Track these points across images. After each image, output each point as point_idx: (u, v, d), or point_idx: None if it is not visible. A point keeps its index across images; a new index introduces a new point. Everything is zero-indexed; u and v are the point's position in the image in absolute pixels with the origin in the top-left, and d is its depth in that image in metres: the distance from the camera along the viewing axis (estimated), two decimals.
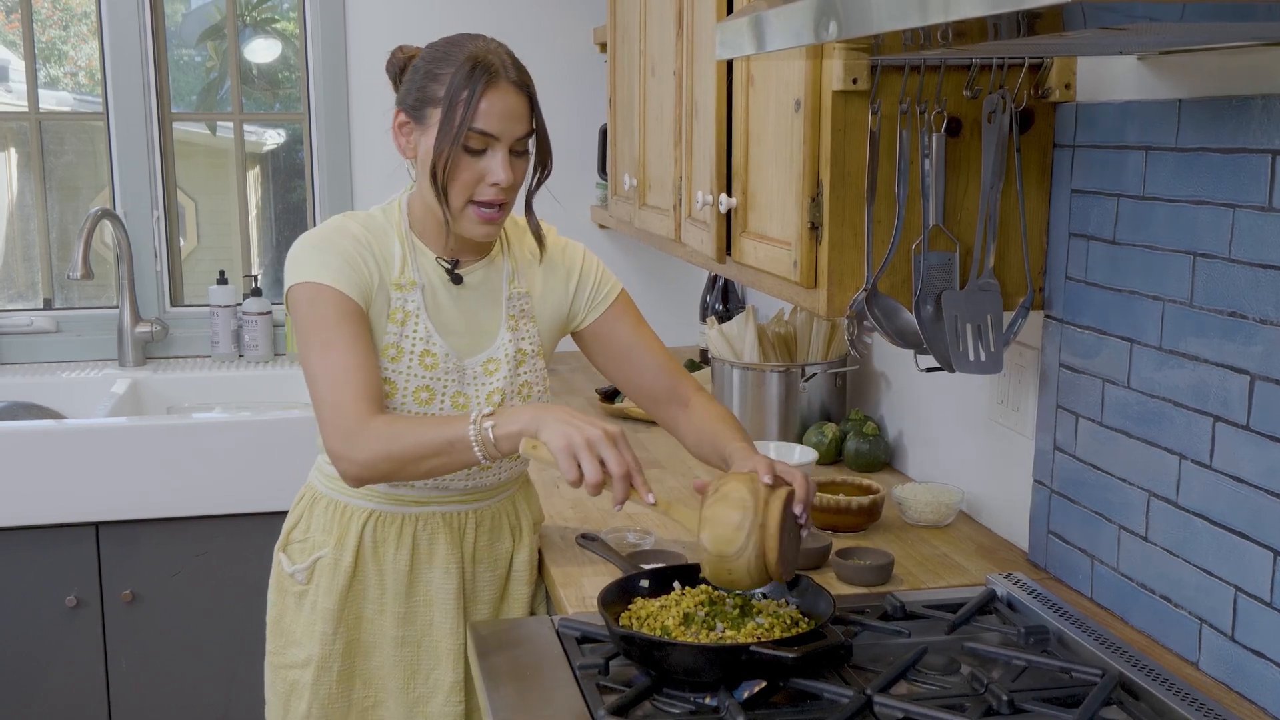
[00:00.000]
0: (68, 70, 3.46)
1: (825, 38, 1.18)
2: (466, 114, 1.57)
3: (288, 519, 1.82)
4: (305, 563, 1.75)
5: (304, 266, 1.62)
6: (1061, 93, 1.65)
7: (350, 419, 1.55)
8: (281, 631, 1.79)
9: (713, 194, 2.04)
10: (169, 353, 3.34)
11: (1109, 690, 1.34)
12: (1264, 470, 1.33)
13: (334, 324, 1.59)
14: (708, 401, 1.80)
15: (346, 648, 1.74)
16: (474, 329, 1.71)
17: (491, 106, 1.58)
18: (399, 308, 1.65)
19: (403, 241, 1.68)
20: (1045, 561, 1.78)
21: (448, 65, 1.59)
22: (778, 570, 1.45)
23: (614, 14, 2.86)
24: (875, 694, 1.32)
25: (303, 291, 1.61)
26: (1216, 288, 1.39)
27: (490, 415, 1.51)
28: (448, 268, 1.69)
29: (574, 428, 1.46)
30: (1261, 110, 1.31)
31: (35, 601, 2.69)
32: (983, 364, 1.66)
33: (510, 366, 1.71)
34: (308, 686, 1.74)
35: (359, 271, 1.63)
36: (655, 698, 1.36)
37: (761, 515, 1.45)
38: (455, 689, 1.74)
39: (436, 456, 1.53)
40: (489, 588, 1.79)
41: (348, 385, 1.56)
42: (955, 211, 1.68)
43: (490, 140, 1.59)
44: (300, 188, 3.51)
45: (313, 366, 1.59)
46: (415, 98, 1.62)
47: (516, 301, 1.74)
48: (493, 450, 1.51)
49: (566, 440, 1.45)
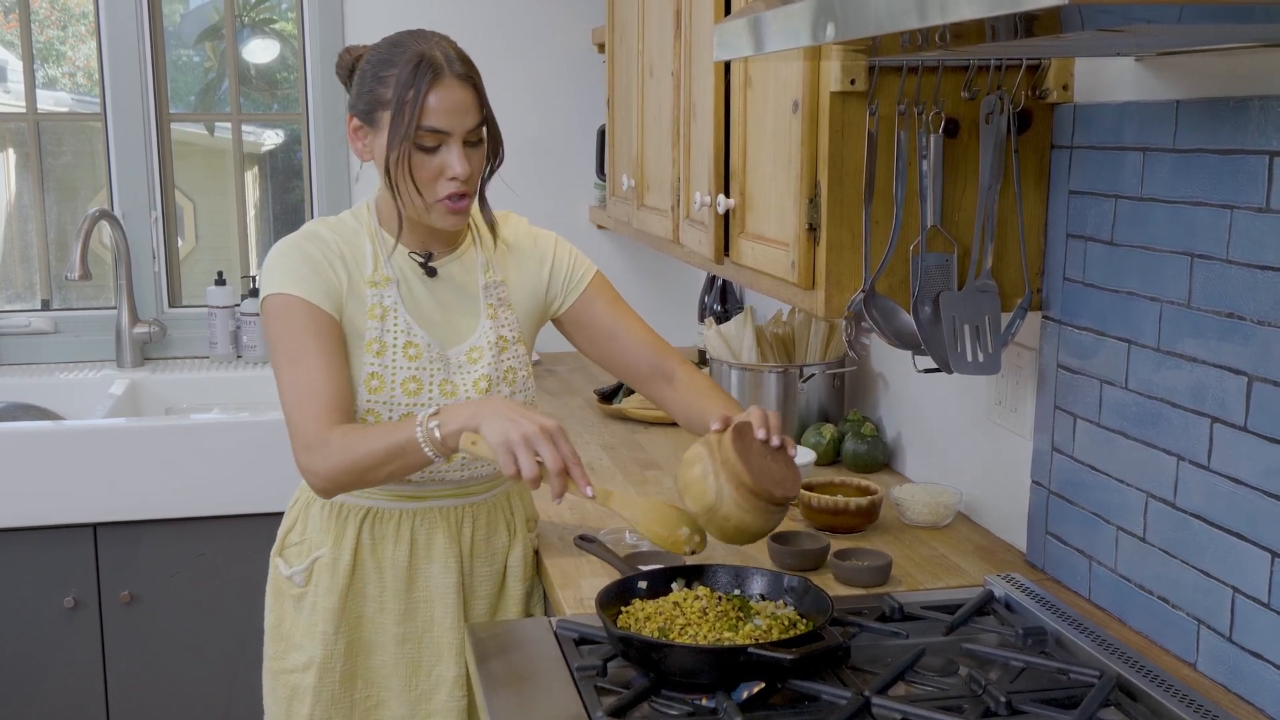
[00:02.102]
0: (66, 70, 3.46)
1: (823, 39, 1.18)
2: (414, 114, 1.59)
3: (282, 524, 1.82)
4: (303, 564, 1.76)
5: (274, 277, 1.66)
6: (1059, 94, 1.65)
7: (311, 434, 1.59)
8: (281, 636, 1.79)
9: (711, 195, 2.04)
10: (167, 353, 3.34)
11: (1107, 691, 1.34)
12: (1262, 471, 1.33)
13: (301, 337, 1.63)
14: (693, 374, 1.84)
15: (348, 648, 1.75)
16: (453, 319, 1.73)
17: (439, 103, 1.60)
18: (376, 304, 1.68)
19: (373, 239, 1.72)
20: (1043, 562, 1.78)
21: (392, 67, 1.61)
22: (765, 490, 1.50)
23: (612, 14, 2.86)
24: (873, 695, 1.32)
25: (273, 303, 1.65)
26: (1214, 289, 1.39)
27: (435, 414, 1.55)
28: (421, 260, 1.71)
29: (512, 423, 1.49)
30: (1259, 111, 1.31)
31: (34, 602, 2.69)
32: (981, 365, 1.66)
33: (494, 353, 1.73)
34: (310, 689, 1.74)
35: (326, 279, 1.66)
36: (653, 699, 1.36)
37: (718, 454, 1.51)
38: (458, 683, 1.75)
39: (392, 461, 1.57)
40: (486, 583, 1.80)
41: (311, 400, 1.60)
42: (953, 212, 1.68)
43: (442, 136, 1.62)
44: (298, 188, 3.51)
45: (281, 381, 1.64)
46: (365, 102, 1.65)
47: (493, 290, 1.77)
48: (441, 448, 1.54)
49: (504, 436, 1.48)
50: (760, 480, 1.49)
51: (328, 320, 1.64)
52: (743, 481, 1.49)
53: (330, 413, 1.60)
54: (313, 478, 1.61)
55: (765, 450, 1.55)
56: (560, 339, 1.90)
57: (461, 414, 1.53)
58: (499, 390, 1.72)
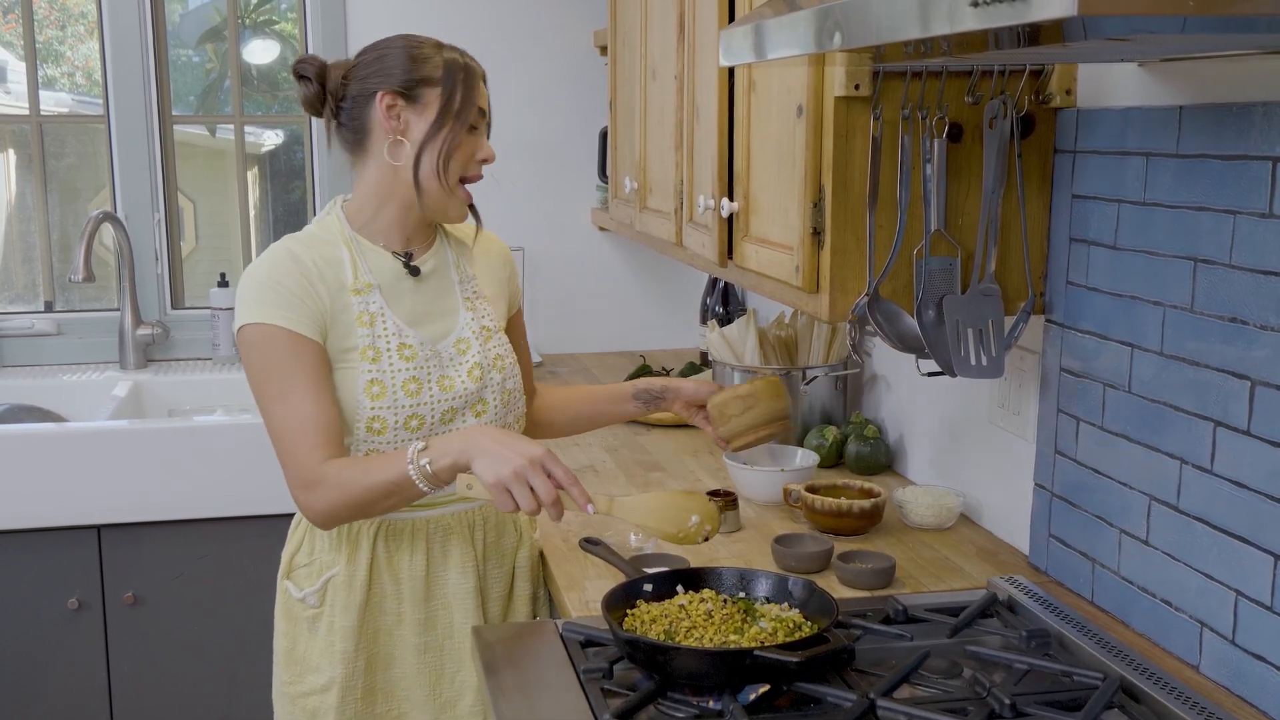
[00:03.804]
0: (65, 70, 3.46)
1: (828, 47, 1.18)
2: (472, 90, 1.68)
3: (287, 546, 1.79)
4: (315, 585, 1.73)
5: (250, 306, 1.62)
6: (1062, 99, 1.66)
7: (306, 470, 1.58)
8: (295, 660, 1.76)
9: (714, 198, 2.04)
10: (170, 355, 3.35)
11: (1110, 694, 1.35)
12: (1265, 475, 1.34)
13: (285, 370, 1.60)
14: (545, 387, 2.01)
15: (368, 663, 1.73)
16: (437, 314, 1.74)
17: (482, 90, 1.71)
18: (363, 311, 1.67)
19: (349, 246, 1.70)
20: (1046, 565, 1.78)
21: (427, 49, 1.68)
22: (742, 438, 1.87)
23: (614, 17, 2.86)
24: (878, 698, 1.33)
25: (251, 334, 1.62)
26: (1217, 293, 1.40)
27: (425, 450, 1.54)
28: (404, 260, 1.72)
29: (502, 461, 1.49)
30: (1262, 117, 1.32)
31: (37, 604, 2.70)
32: (984, 368, 1.67)
33: (480, 342, 1.74)
34: (332, 710, 1.71)
35: (307, 302, 1.63)
36: (659, 702, 1.36)
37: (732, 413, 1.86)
38: (483, 688, 1.74)
39: (390, 497, 1.58)
40: (498, 584, 1.80)
41: (303, 436, 1.59)
42: (957, 217, 1.69)
43: (483, 120, 1.71)
44: (300, 188, 3.51)
45: (269, 417, 1.62)
46: (404, 78, 1.66)
47: (468, 284, 1.79)
48: (435, 482, 1.55)
49: (496, 476, 1.49)
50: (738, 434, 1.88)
51: (311, 347, 1.62)
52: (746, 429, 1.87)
53: (323, 446, 1.58)
54: (312, 515, 1.60)
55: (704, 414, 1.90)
56: (562, 340, 1.91)
57: (451, 449, 1.53)
58: (490, 377, 1.73)
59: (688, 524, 1.62)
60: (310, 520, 1.63)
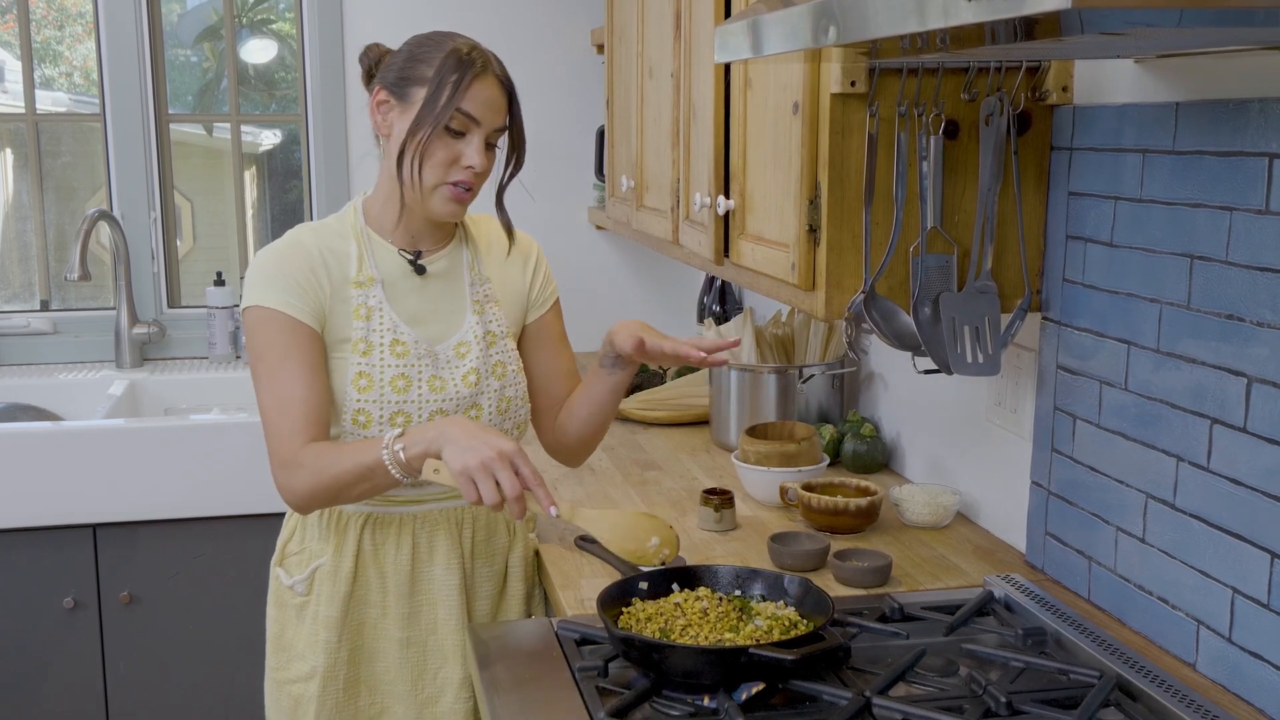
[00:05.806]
0: (63, 70, 3.45)
1: (824, 42, 1.18)
2: (455, 94, 1.62)
3: (281, 533, 1.82)
4: (304, 573, 1.75)
5: (254, 288, 1.66)
6: (1059, 95, 1.66)
7: (285, 451, 1.60)
8: (283, 646, 1.79)
9: (710, 196, 2.04)
10: (166, 354, 3.34)
11: (1107, 692, 1.35)
12: (1261, 472, 1.33)
13: (279, 351, 1.63)
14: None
15: (351, 655, 1.74)
16: (440, 315, 1.73)
17: (478, 93, 1.64)
18: (361, 304, 1.68)
19: (358, 239, 1.71)
20: (1043, 563, 1.78)
21: (436, 50, 1.65)
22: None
23: (611, 16, 2.86)
24: (874, 696, 1.32)
25: (252, 315, 1.66)
26: (1214, 290, 1.40)
27: (400, 436, 1.54)
28: (410, 259, 1.72)
29: (471, 451, 1.48)
30: (1259, 113, 1.32)
31: (33, 603, 2.69)
32: (980, 366, 1.66)
33: (481, 348, 1.73)
34: (314, 699, 1.73)
35: (308, 289, 1.66)
36: (654, 700, 1.36)
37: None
38: (464, 686, 1.74)
39: (362, 483, 1.57)
40: (487, 583, 1.80)
41: (286, 417, 1.61)
42: (953, 214, 1.69)
43: (471, 124, 1.65)
44: (297, 188, 3.51)
45: (259, 395, 1.65)
46: (398, 76, 1.66)
47: (480, 286, 1.77)
48: (407, 470, 1.54)
49: (463, 465, 1.48)
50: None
51: (307, 333, 1.64)
52: None
53: (306, 429, 1.60)
54: (288, 495, 1.62)
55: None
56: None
57: (425, 436, 1.53)
58: (488, 384, 1.72)
59: (646, 545, 1.63)
60: (287, 502, 1.63)
